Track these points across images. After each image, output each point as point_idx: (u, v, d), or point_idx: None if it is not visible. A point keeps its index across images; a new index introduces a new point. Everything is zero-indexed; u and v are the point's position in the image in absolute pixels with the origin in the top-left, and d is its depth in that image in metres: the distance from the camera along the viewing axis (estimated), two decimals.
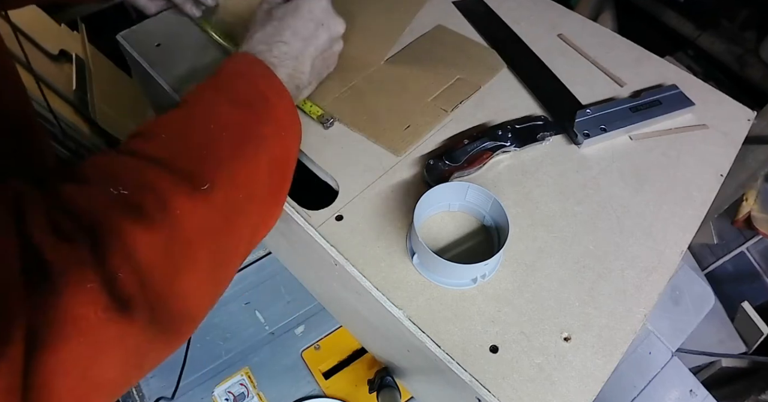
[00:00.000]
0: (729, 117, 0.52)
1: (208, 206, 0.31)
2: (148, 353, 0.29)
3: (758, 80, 1.14)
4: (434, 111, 0.49)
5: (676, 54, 1.31)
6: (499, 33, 0.57)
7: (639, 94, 0.51)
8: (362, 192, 0.44)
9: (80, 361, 0.25)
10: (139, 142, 0.33)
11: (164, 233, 0.29)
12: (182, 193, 0.30)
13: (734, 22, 1.21)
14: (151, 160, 0.31)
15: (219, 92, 0.38)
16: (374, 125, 0.47)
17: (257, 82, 0.39)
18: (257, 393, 0.61)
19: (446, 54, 0.54)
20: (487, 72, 0.53)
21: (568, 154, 0.47)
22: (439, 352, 0.36)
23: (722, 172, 0.48)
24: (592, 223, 0.43)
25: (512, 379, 0.35)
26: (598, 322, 0.38)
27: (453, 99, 0.50)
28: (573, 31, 0.58)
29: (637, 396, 0.72)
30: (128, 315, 0.26)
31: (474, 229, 0.42)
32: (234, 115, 0.36)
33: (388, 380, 0.57)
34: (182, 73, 0.52)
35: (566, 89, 0.52)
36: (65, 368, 0.24)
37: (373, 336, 0.55)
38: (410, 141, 0.46)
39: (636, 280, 0.40)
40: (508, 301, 0.38)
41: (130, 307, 0.27)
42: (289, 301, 0.68)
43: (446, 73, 0.52)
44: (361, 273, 0.39)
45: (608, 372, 0.36)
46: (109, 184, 0.29)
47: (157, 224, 0.29)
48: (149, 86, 0.57)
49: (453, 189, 0.40)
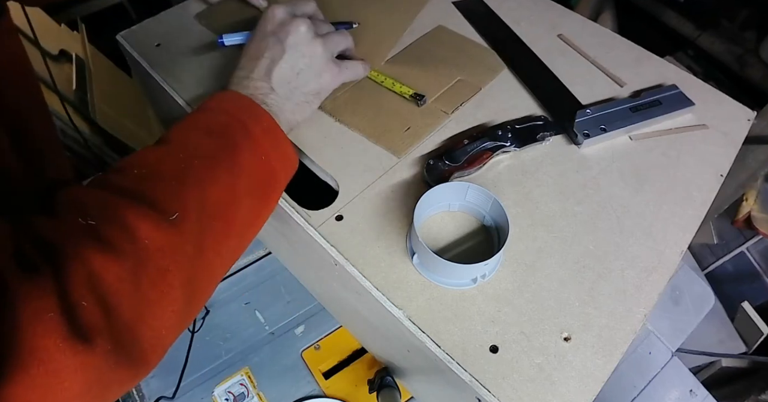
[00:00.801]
0: (729, 117, 0.52)
1: (177, 235, 0.31)
2: (110, 384, 0.28)
3: (758, 80, 1.14)
4: (434, 112, 0.49)
5: (676, 54, 1.31)
6: (499, 33, 0.57)
7: (639, 95, 0.51)
8: (362, 192, 0.44)
9: (39, 391, 0.24)
10: (111, 176, 0.33)
11: (131, 263, 0.29)
12: (149, 223, 0.30)
13: (734, 22, 1.21)
14: (121, 192, 0.31)
15: (193, 125, 0.38)
16: (374, 126, 0.47)
17: (231, 109, 0.39)
18: (257, 393, 0.61)
19: (447, 54, 0.54)
20: (488, 73, 0.53)
21: (568, 154, 0.47)
22: (439, 352, 0.36)
23: (722, 172, 0.48)
24: (592, 223, 0.43)
25: (512, 379, 0.35)
26: (598, 322, 0.38)
27: (453, 100, 0.50)
28: (573, 31, 0.58)
29: (637, 396, 0.72)
30: (90, 345, 0.26)
31: (474, 229, 0.42)
32: (207, 144, 0.36)
33: (388, 380, 0.57)
34: (182, 73, 0.52)
35: (566, 89, 0.52)
36: (24, 398, 0.24)
37: (373, 336, 0.55)
38: (410, 142, 0.46)
39: (636, 280, 0.40)
40: (508, 301, 0.38)
41: (93, 337, 0.26)
42: (289, 301, 0.68)
43: (447, 73, 0.52)
44: (361, 273, 0.39)
45: (608, 372, 0.36)
46: (78, 215, 0.29)
47: (124, 254, 0.29)
48: (149, 87, 0.57)
49: (453, 189, 0.40)
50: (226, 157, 0.36)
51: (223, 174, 0.35)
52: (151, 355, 0.31)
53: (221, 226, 0.35)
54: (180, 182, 0.33)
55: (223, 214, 0.35)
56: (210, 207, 0.34)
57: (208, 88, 0.50)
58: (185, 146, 0.36)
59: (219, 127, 0.38)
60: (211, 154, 0.36)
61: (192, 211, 0.33)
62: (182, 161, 0.34)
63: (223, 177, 0.35)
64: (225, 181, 0.35)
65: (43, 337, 0.24)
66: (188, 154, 0.35)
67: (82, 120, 1.15)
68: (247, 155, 0.37)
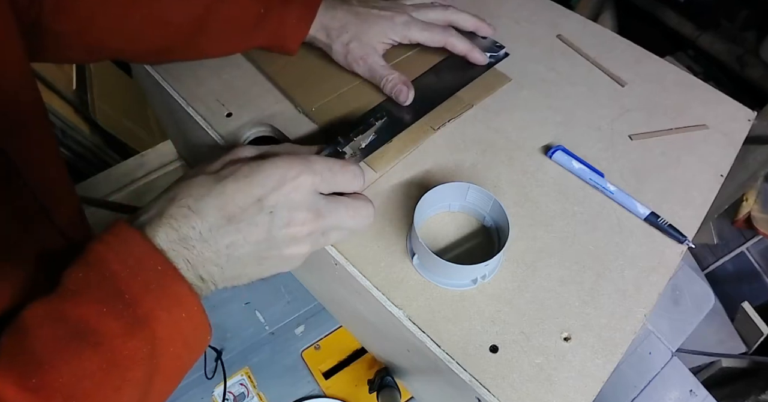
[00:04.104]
0: (729, 117, 0.52)
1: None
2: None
3: (758, 80, 1.14)
4: (421, 127, 0.47)
5: (676, 54, 1.30)
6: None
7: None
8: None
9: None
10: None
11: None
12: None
13: (734, 22, 1.21)
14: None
15: (72, 329, 0.26)
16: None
17: (132, 287, 0.28)
18: (257, 393, 0.61)
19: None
20: (483, 91, 0.51)
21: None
22: (439, 352, 0.36)
23: (722, 173, 0.48)
24: (592, 223, 0.43)
25: (512, 379, 0.35)
26: (598, 322, 0.38)
27: (443, 116, 0.48)
28: (573, 31, 0.58)
29: (637, 396, 0.72)
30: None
31: (474, 230, 0.42)
32: (88, 366, 0.26)
33: (388, 380, 0.57)
34: (183, 72, 0.52)
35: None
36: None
37: (373, 336, 0.56)
38: (391, 157, 0.45)
39: (636, 280, 0.40)
40: (508, 300, 0.38)
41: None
42: (289, 301, 0.68)
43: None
44: (361, 273, 0.39)
45: (608, 372, 0.36)
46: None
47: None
48: (150, 86, 0.57)
49: (453, 189, 0.40)
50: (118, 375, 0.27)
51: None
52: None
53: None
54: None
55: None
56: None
57: (209, 88, 0.50)
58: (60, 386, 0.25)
59: (106, 322, 0.27)
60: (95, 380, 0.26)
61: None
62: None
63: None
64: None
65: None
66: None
67: (82, 120, 1.15)
68: (145, 367, 0.28)
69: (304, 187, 0.32)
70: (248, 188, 0.31)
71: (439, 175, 0.45)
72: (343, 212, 0.34)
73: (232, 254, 0.31)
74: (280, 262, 0.33)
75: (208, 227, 0.30)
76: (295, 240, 0.32)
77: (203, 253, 0.30)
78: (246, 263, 0.32)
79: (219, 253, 0.30)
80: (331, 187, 0.34)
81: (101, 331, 0.26)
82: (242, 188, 0.31)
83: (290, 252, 0.32)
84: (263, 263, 0.32)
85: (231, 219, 0.30)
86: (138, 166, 0.86)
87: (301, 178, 0.32)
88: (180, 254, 0.29)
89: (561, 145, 0.46)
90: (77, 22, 0.42)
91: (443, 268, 0.37)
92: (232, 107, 0.49)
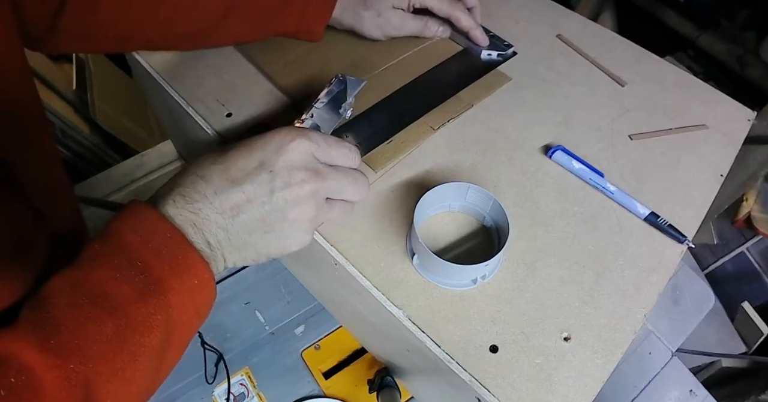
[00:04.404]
0: (729, 117, 0.52)
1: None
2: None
3: (758, 80, 1.14)
4: (420, 127, 0.47)
5: (676, 54, 1.30)
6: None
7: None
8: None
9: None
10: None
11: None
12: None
13: (734, 22, 1.21)
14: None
15: (90, 291, 0.28)
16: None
17: (147, 256, 0.29)
18: (257, 393, 0.61)
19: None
20: (484, 91, 0.51)
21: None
22: (439, 352, 0.36)
23: (722, 173, 0.48)
24: (592, 223, 0.43)
25: (512, 379, 0.35)
26: (598, 322, 0.38)
27: (443, 116, 0.48)
28: (573, 31, 0.58)
29: (637, 396, 0.72)
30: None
31: (474, 230, 0.42)
32: (105, 330, 0.27)
33: (388, 380, 0.57)
34: (183, 72, 0.52)
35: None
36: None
37: (373, 336, 0.56)
38: (390, 156, 0.45)
39: (636, 280, 0.40)
40: (508, 300, 0.38)
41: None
42: (289, 301, 0.68)
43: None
44: (361, 273, 0.39)
45: (608, 372, 0.36)
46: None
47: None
48: (150, 86, 0.57)
49: (453, 189, 0.40)
50: (133, 341, 0.28)
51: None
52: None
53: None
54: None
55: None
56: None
57: (209, 88, 0.50)
58: (77, 348, 0.26)
59: (125, 292, 0.28)
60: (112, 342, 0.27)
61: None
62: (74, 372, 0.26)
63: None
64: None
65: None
66: (82, 358, 0.26)
67: (82, 120, 1.15)
68: (159, 333, 0.29)
69: (303, 150, 0.34)
70: (250, 153, 0.33)
71: (439, 175, 0.45)
72: (341, 176, 0.35)
73: (236, 217, 0.32)
74: (288, 231, 0.34)
75: (213, 190, 0.32)
76: (297, 201, 0.33)
77: (209, 215, 0.31)
78: (252, 229, 0.33)
79: (224, 215, 0.32)
80: (327, 155, 0.35)
81: (116, 296, 0.28)
82: (244, 154, 0.33)
83: (294, 215, 0.33)
84: (269, 231, 0.33)
85: (234, 181, 0.32)
86: (138, 166, 0.86)
87: (298, 141, 0.33)
88: (187, 219, 0.31)
89: (561, 145, 0.46)
90: (109, 13, 0.42)
91: (443, 268, 0.37)
92: (232, 107, 0.49)
